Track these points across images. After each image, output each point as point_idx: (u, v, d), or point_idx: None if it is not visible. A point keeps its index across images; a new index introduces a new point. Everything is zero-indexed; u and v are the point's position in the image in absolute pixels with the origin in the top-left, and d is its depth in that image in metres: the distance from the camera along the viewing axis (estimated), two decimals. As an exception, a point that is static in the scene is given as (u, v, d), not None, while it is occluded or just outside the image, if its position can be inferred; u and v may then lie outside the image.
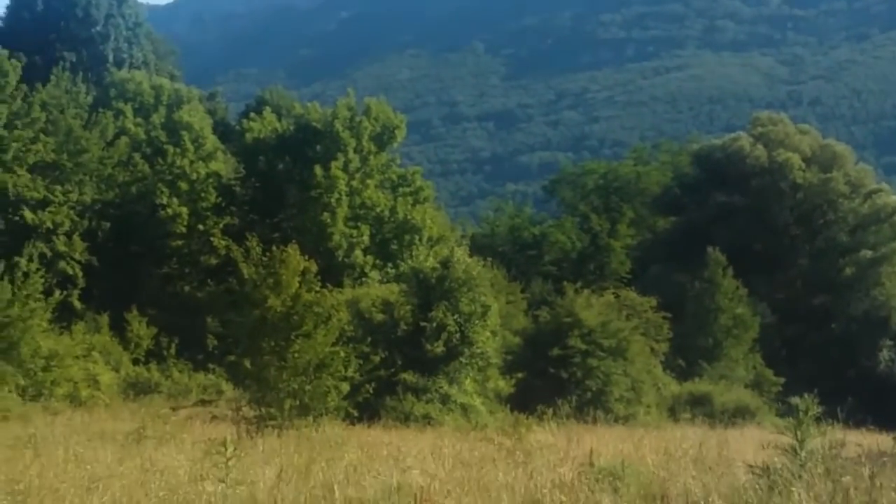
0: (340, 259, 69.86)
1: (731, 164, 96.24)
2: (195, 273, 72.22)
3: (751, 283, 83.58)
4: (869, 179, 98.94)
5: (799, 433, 19.14)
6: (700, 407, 57.93)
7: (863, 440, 24.73)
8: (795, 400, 20.44)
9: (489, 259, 65.29)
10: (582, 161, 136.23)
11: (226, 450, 18.04)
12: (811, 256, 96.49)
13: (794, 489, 15.52)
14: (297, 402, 34.57)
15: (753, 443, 27.11)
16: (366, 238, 71.93)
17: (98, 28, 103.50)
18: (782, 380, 72.86)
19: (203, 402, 50.93)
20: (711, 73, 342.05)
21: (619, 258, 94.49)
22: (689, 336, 76.15)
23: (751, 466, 18.96)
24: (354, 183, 73.19)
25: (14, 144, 65.89)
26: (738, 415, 56.47)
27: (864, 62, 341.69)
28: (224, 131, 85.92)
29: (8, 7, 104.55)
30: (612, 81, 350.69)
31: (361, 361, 38.69)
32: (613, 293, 70.02)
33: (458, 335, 49.50)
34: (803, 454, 18.75)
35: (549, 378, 55.80)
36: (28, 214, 64.21)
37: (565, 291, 63.25)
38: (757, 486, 17.23)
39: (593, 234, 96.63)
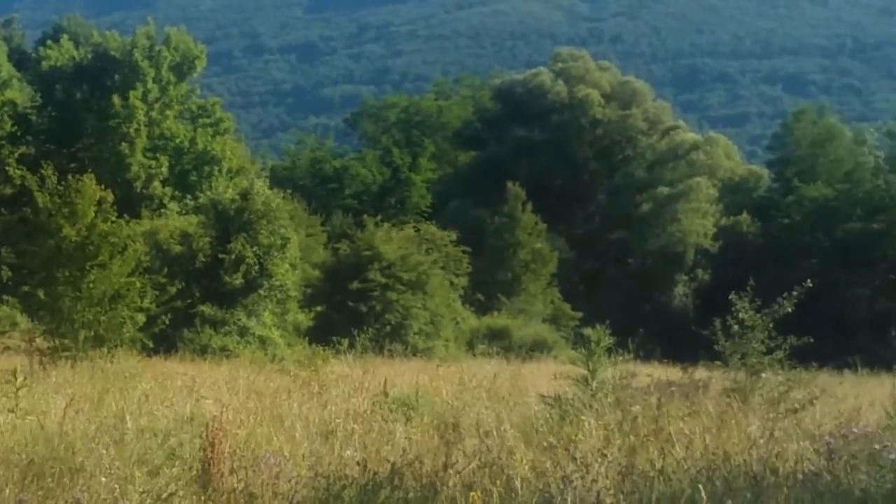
0: (139, 190, 68.61)
1: (532, 99, 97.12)
2: (-11, 203, 70.10)
3: (550, 218, 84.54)
4: (667, 116, 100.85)
5: (590, 364, 19.38)
6: (498, 341, 58.34)
7: (653, 371, 25.20)
8: (588, 332, 20.69)
9: (289, 192, 64.96)
10: (384, 95, 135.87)
11: (15, 380, 17.60)
12: (609, 192, 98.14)
13: (584, 418, 15.66)
14: (92, 334, 33.77)
15: (548, 375, 27.40)
16: (164, 169, 70.75)
17: None
18: (580, 314, 73.89)
19: (-6, 335, 49.58)
20: (514, 8, 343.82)
21: (419, 192, 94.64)
22: (488, 270, 76.86)
23: (543, 397, 19.13)
24: (153, 114, 71.82)
25: None
26: (535, 348, 57.16)
27: (664, 0, 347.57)
28: (20, 59, 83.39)
29: None
30: (414, 15, 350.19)
31: (158, 293, 38.03)
32: (414, 227, 70.28)
33: (256, 267, 49.13)
34: (594, 384, 19.00)
35: (348, 311, 55.80)
36: None
37: (365, 225, 63.33)
38: (548, 416, 17.39)
39: (394, 168, 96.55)
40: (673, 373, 23.25)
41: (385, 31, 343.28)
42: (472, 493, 11.58)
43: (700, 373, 22.42)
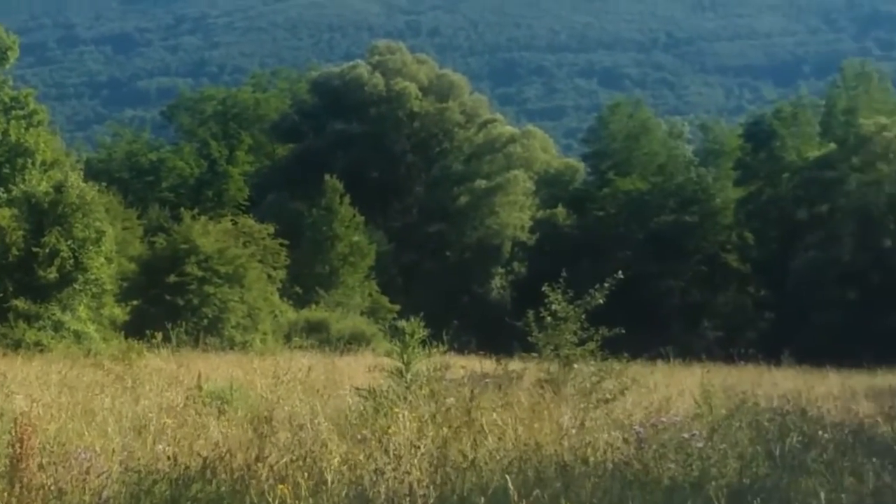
0: (-53, 183, 66.68)
1: (349, 92, 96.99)
2: None
3: (367, 211, 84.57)
4: (484, 109, 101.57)
5: (405, 357, 19.44)
6: (317, 334, 58.29)
7: (469, 363, 25.35)
8: (403, 324, 20.76)
9: (105, 185, 63.92)
10: (201, 87, 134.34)
11: None
12: (427, 185, 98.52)
13: (398, 410, 15.69)
14: None
15: (365, 368, 27.43)
16: (-25, 161, 68.87)
17: None
18: (398, 307, 74.05)
19: None
20: (332, 1, 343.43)
21: (237, 185, 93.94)
22: (306, 263, 76.64)
23: (357, 389, 19.15)
24: (-37, 105, 69.87)
25: None
26: (353, 341, 56.98)
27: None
28: None
29: None
30: (231, 7, 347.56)
31: (-33, 288, 37.09)
32: (231, 220, 69.86)
33: (71, 261, 48.18)
34: (409, 377, 19.06)
35: (165, 305, 55.06)
36: None
37: (182, 218, 62.53)
38: (363, 409, 17.42)
39: (212, 161, 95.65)
40: (488, 364, 23.45)
41: (202, 23, 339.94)
42: (280, 486, 11.53)
43: (514, 364, 22.66)
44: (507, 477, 11.80)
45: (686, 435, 14.22)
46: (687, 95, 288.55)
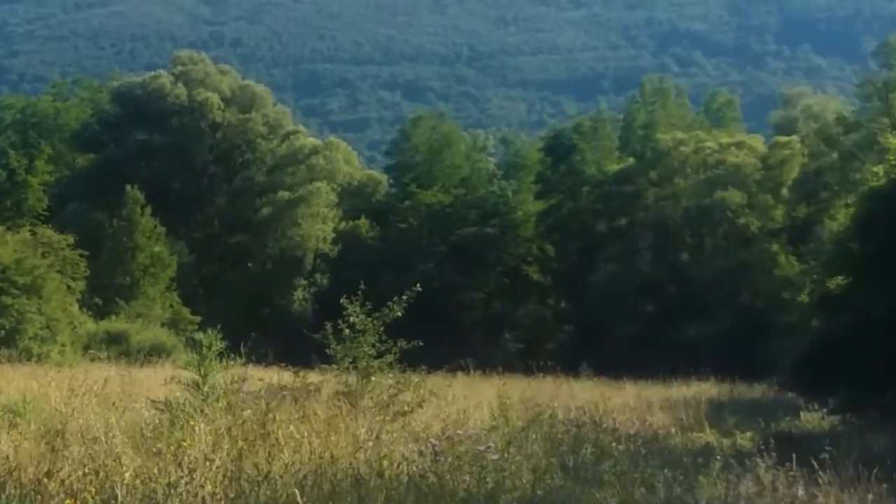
0: None
1: (151, 102, 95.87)
2: None
3: (169, 222, 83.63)
4: (287, 121, 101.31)
5: (202, 369, 19.31)
6: (116, 345, 57.34)
7: (268, 376, 25.29)
8: (200, 336, 20.60)
9: None
10: (0, 95, 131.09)
11: None
12: (229, 196, 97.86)
13: (194, 423, 15.58)
14: None
15: (163, 380, 27.09)
16: None
17: None
18: (199, 318, 73.28)
19: None
20: (134, 10, 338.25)
21: (36, 195, 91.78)
22: (106, 274, 75.48)
23: (154, 402, 18.95)
24: None
25: None
26: (154, 353, 56.24)
27: (285, 5, 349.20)
28: None
29: None
30: (32, 15, 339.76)
31: None
32: (30, 230, 68.36)
33: None
34: (206, 389, 18.94)
35: (-43, 318, 53.66)
36: None
37: (-23, 228, 61.00)
38: (158, 421, 17.24)
39: (10, 170, 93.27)
40: (287, 377, 23.38)
41: (1, 31, 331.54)
42: (68, 502, 11.37)
43: (313, 377, 22.64)
44: (297, 490, 11.82)
45: (482, 447, 14.40)
46: (489, 109, 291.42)
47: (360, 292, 22.62)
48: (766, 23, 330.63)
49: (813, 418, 34.88)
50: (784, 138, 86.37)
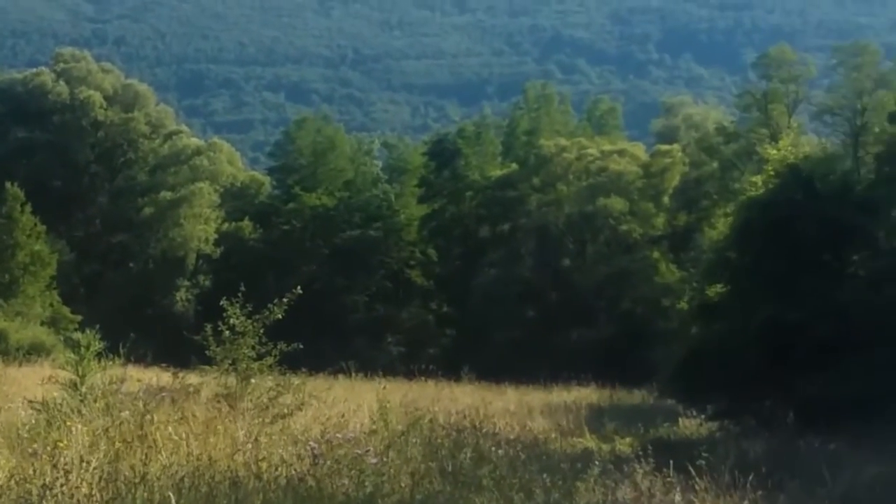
0: None
1: (33, 99, 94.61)
2: None
3: (50, 220, 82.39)
4: (170, 121, 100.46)
5: (80, 369, 19.10)
6: (-6, 345, 56.46)
7: (148, 376, 25.08)
8: (79, 336, 20.38)
9: None
10: None
11: None
12: (111, 195, 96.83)
13: (71, 423, 15.41)
14: None
15: (41, 379, 26.73)
16: None
17: None
18: (79, 317, 72.39)
19: None
20: (15, 5, 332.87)
21: None
22: (-16, 272, 74.28)
23: (30, 402, 18.71)
24: None
25: None
26: (33, 352, 55.47)
27: (169, 4, 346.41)
28: None
29: None
30: None
31: None
32: None
33: None
34: (83, 389, 18.73)
35: None
36: None
37: None
38: (35, 422, 17.02)
39: None
40: (167, 378, 23.20)
41: None
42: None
43: (193, 378, 22.48)
44: (173, 494, 11.76)
45: (361, 451, 14.42)
46: (373, 112, 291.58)
47: (241, 294, 22.50)
48: (649, 32, 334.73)
49: (691, 425, 35.43)
50: (665, 147, 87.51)
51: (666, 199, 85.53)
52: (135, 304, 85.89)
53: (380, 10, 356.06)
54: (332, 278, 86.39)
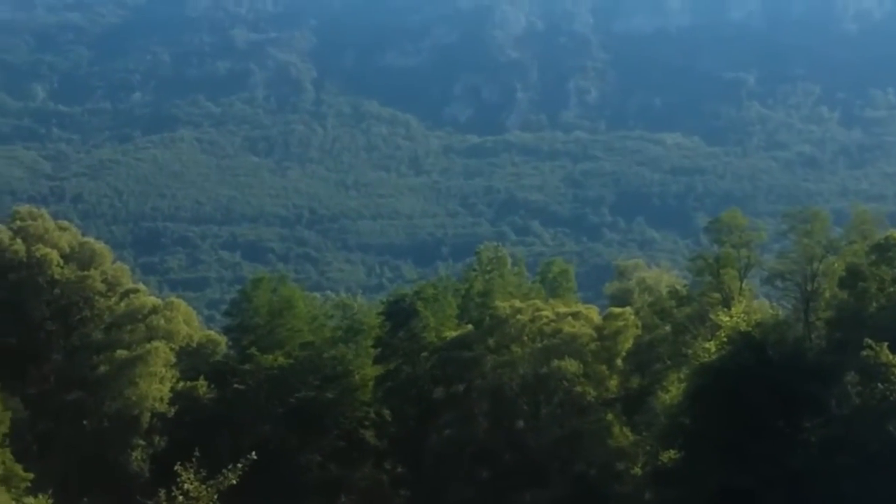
0: None
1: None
2: None
3: (4, 377, 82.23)
4: (126, 278, 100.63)
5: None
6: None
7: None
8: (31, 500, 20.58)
9: None
10: None
11: None
12: (66, 352, 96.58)
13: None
14: None
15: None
16: None
17: None
18: (31, 475, 71.88)
19: None
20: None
21: None
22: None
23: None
24: None
25: None
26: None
27: (127, 162, 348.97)
28: None
29: None
30: None
31: None
32: None
33: None
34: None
35: None
36: None
37: None
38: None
39: None
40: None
41: None
42: None
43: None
44: None
45: None
46: (329, 272, 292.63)
47: (195, 458, 22.70)
48: (602, 195, 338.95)
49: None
50: (619, 309, 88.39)
51: (619, 362, 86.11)
52: (88, 463, 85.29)
53: (336, 171, 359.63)
54: (286, 438, 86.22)
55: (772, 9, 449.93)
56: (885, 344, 64.22)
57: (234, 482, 22.06)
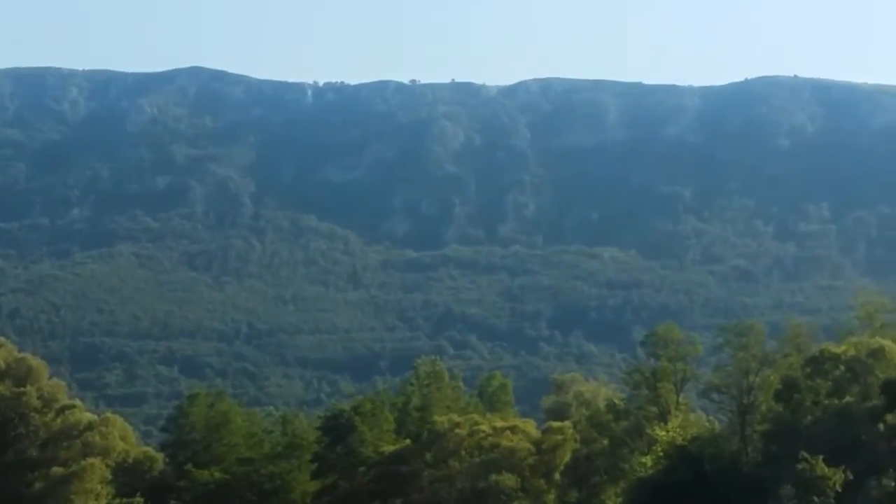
0: None
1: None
2: None
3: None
4: (62, 394, 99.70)
5: None
6: None
7: None
8: None
9: None
10: None
11: None
12: (1, 469, 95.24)
13: None
14: None
15: None
16: None
17: None
18: None
19: None
20: None
21: None
22: None
23: None
24: None
25: None
26: None
27: (64, 277, 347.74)
28: None
29: None
30: None
31: None
32: None
33: None
34: None
35: None
36: None
37: None
38: None
39: None
40: None
41: None
42: None
43: None
44: None
45: None
46: (267, 386, 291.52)
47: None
48: (540, 309, 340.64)
49: None
50: (557, 423, 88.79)
51: (557, 476, 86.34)
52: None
53: (274, 286, 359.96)
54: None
55: (707, 124, 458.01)
56: (821, 457, 64.91)
57: None
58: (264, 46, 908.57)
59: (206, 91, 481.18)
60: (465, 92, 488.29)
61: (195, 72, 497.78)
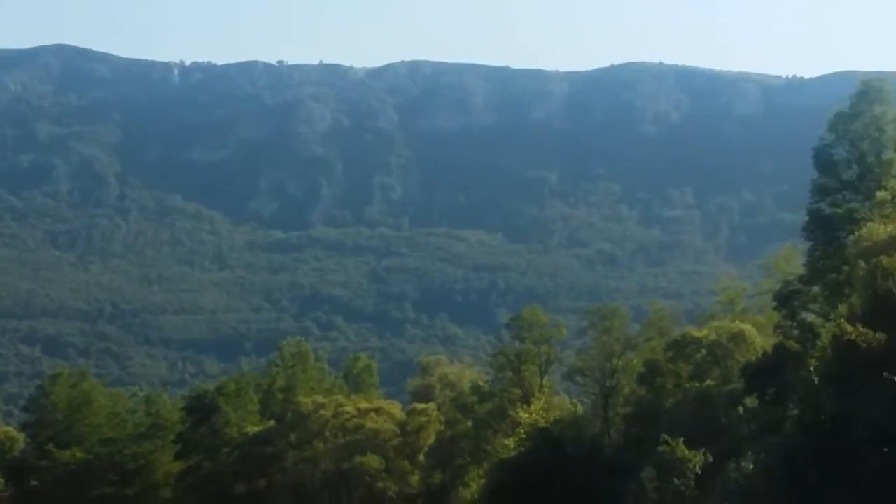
0: None
1: None
2: None
3: None
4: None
5: None
6: None
7: None
8: None
9: None
10: None
11: None
12: None
13: None
14: None
15: None
16: None
17: None
18: None
19: None
20: None
21: None
22: None
23: None
24: None
25: None
26: None
27: None
28: None
29: None
30: None
31: None
32: None
33: None
34: None
35: None
36: None
37: None
38: None
39: None
40: None
41: None
42: None
43: None
44: None
45: None
46: (131, 367, 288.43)
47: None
48: (406, 291, 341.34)
49: None
50: (421, 405, 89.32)
51: (421, 457, 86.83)
52: None
53: (139, 266, 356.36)
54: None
55: (573, 109, 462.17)
56: (681, 440, 66.08)
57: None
58: (131, 25, 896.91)
59: (70, 69, 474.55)
60: (332, 73, 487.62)
61: (60, 49, 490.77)
